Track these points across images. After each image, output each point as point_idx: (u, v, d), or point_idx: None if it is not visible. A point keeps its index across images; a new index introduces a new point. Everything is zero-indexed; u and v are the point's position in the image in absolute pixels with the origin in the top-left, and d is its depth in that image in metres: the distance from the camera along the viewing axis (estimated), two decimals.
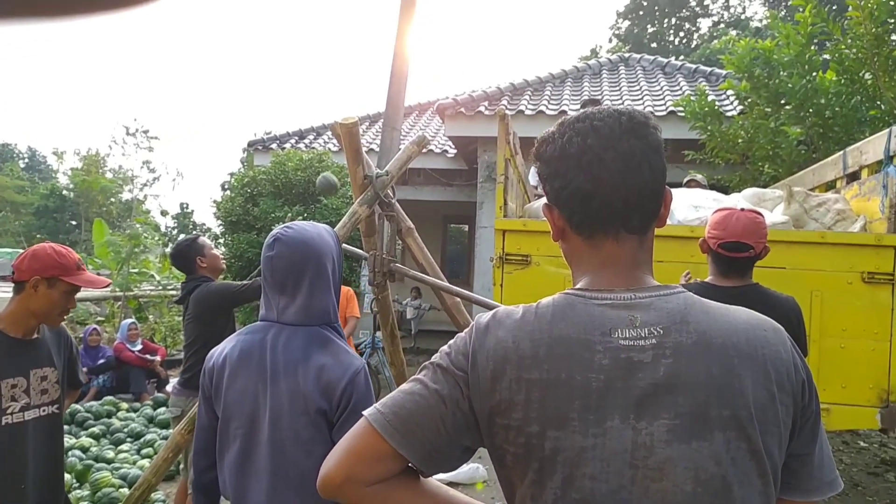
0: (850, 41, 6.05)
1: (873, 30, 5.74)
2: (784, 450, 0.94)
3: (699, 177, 6.27)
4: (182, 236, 4.22)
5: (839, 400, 3.47)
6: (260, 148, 12.42)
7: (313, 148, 11.40)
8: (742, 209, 2.54)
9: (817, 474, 0.97)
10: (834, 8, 11.18)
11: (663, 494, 0.88)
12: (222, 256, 3.90)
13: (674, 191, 3.55)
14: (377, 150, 3.72)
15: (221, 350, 1.72)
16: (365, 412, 1.01)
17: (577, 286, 1.02)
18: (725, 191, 5.82)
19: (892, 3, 5.63)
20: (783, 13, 17.54)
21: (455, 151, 11.05)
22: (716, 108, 7.31)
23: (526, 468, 0.94)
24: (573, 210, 1.01)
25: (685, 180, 6.35)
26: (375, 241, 2.65)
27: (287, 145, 12.08)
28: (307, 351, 1.65)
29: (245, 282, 3.70)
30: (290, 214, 8.46)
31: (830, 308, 3.47)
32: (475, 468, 5.06)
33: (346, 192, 8.96)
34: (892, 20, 5.73)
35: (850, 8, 5.87)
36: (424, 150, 3.02)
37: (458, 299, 2.82)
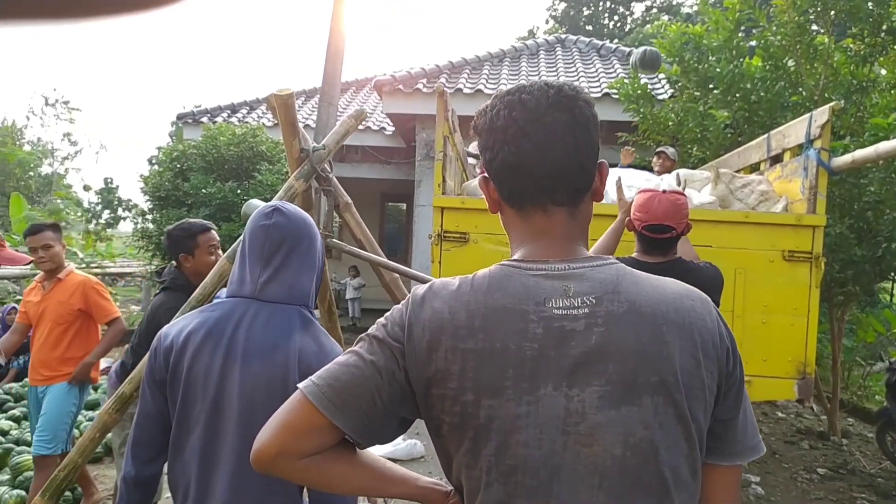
0: (774, 28, 6.28)
1: (796, 18, 5.96)
2: (709, 415, 0.97)
3: (670, 150, 6.36)
4: (183, 221, 3.33)
5: (760, 372, 3.65)
6: (190, 121, 12.00)
7: (246, 122, 11.10)
8: (664, 191, 2.65)
9: (741, 439, 1.02)
10: None
11: (594, 459, 0.91)
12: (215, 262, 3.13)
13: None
14: (314, 125, 3.68)
15: (181, 328, 1.58)
16: (300, 384, 0.99)
17: (514, 257, 1.03)
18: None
19: None
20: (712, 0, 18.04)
21: (393, 129, 10.97)
22: (648, 91, 7.49)
23: (461, 437, 0.95)
24: (502, 182, 1.03)
25: (656, 150, 6.46)
26: (312, 216, 2.60)
27: (218, 119, 11.73)
28: (288, 331, 1.55)
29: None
30: (222, 191, 8.24)
31: (753, 285, 3.63)
32: (413, 444, 5.10)
33: (281, 167, 8.79)
34: (813, 10, 5.96)
35: None
36: (362, 127, 2.97)
37: (397, 275, 2.81)
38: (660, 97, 7.99)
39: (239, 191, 8.33)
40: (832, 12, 5.88)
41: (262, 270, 1.59)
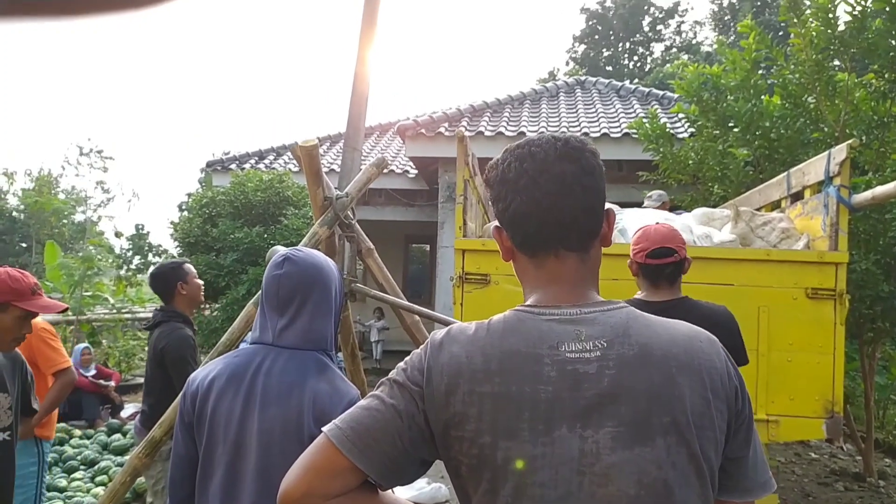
0: (792, 67, 6.33)
1: (814, 56, 6.01)
2: (720, 453, 1.00)
3: (655, 195, 6.20)
4: (164, 259, 3.81)
5: (788, 412, 3.59)
6: (219, 168, 12.31)
7: (273, 168, 11.36)
8: (657, 223, 2.67)
9: (752, 475, 1.04)
10: (780, 34, 11.64)
11: (609, 499, 0.93)
12: (202, 286, 3.66)
13: (626, 210, 3.66)
14: (338, 170, 3.75)
15: (207, 373, 1.66)
16: (324, 428, 1.03)
17: (527, 303, 1.07)
18: (676, 210, 5.97)
19: (829, 31, 5.91)
20: (732, 38, 18.18)
21: (416, 172, 11.13)
22: (667, 130, 7.54)
23: (479, 478, 0.98)
24: (515, 230, 1.08)
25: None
26: (336, 262, 2.68)
27: (246, 166, 12.01)
28: (304, 376, 1.61)
29: None
30: (250, 236, 8.40)
31: (777, 323, 3.60)
32: (437, 488, 5.07)
33: (307, 212, 8.95)
34: (832, 48, 6.00)
35: (792, 35, 6.15)
36: (385, 171, 3.07)
37: (418, 318, 2.86)
38: (679, 136, 8.04)
39: (266, 235, 8.49)
40: (852, 49, 5.91)
41: (278, 319, 1.66)
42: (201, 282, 3.65)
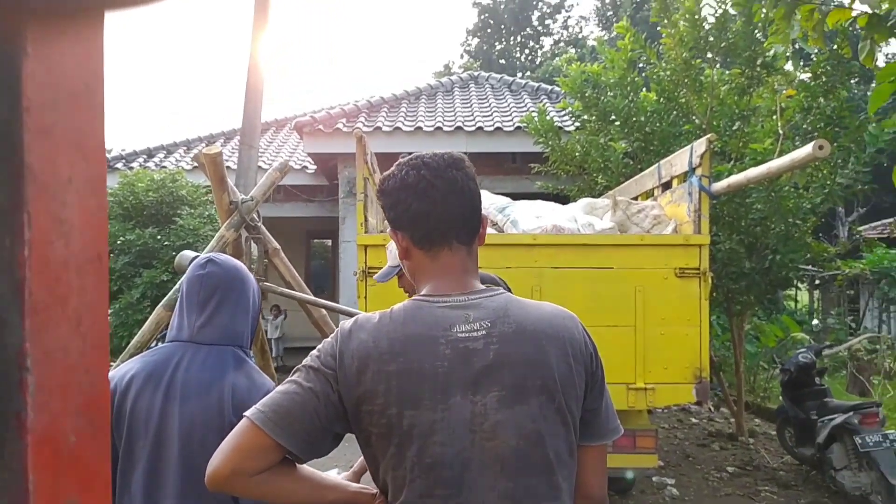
0: (664, 64, 6.87)
1: (683, 54, 6.55)
2: (580, 406, 1.24)
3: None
4: None
5: (662, 380, 3.99)
6: None
7: (164, 167, 10.99)
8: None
9: (604, 423, 1.29)
10: (658, 28, 12.42)
11: (495, 450, 1.15)
12: None
13: (518, 202, 4.00)
14: (234, 167, 3.81)
15: (124, 372, 1.72)
16: (246, 413, 1.18)
17: (423, 293, 1.27)
18: (566, 201, 6.37)
19: (696, 31, 6.46)
20: (614, 34, 19.13)
21: (315, 168, 11.10)
22: (555, 125, 7.97)
23: (388, 444, 1.16)
24: (415, 228, 1.27)
25: None
26: (244, 262, 2.78)
27: (135, 165, 11.54)
28: (223, 370, 1.70)
29: None
30: (143, 238, 8.16)
31: (651, 300, 3.98)
32: (333, 471, 5.22)
33: (203, 210, 8.77)
34: (699, 46, 6.56)
35: (664, 35, 6.68)
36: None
37: (325, 312, 3.01)
38: (567, 129, 8.49)
39: (160, 236, 8.26)
40: (716, 48, 6.47)
41: (196, 316, 1.74)
42: None
